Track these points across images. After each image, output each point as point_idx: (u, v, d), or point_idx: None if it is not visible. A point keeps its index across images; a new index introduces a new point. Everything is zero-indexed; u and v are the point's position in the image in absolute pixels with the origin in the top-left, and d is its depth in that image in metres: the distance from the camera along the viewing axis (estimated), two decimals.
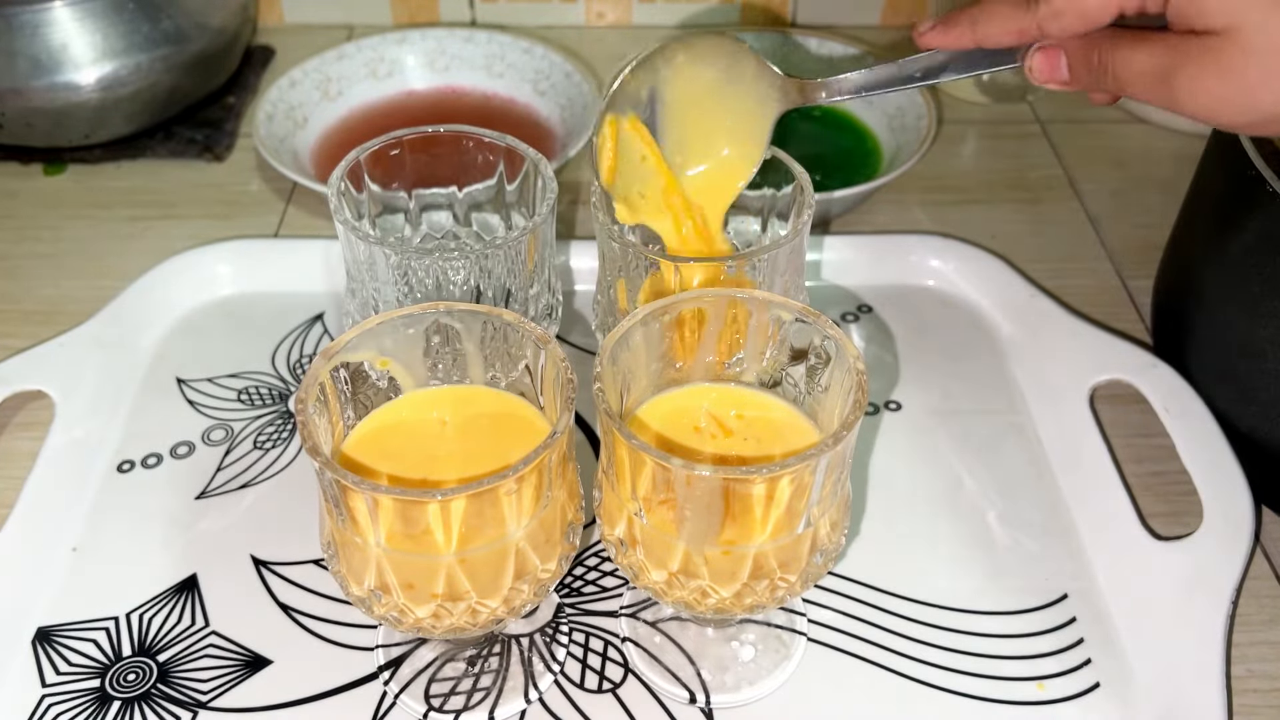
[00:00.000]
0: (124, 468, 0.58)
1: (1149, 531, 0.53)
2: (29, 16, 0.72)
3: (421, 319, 0.44)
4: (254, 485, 0.57)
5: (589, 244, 0.67)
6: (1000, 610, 0.52)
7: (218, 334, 0.65)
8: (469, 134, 0.54)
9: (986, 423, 0.60)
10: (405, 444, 0.45)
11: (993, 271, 0.68)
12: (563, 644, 0.50)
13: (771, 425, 0.46)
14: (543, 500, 0.41)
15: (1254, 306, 0.53)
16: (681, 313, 0.45)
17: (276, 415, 0.61)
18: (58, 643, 0.50)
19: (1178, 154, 0.81)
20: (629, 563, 0.44)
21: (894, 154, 0.75)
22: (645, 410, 0.46)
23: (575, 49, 0.86)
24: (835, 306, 0.67)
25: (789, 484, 0.39)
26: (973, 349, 0.65)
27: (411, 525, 0.39)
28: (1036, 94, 0.86)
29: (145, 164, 0.79)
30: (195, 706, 0.48)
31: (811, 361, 0.45)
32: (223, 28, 0.81)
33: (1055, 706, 0.48)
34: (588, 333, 0.66)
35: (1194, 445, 0.55)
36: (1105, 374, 0.60)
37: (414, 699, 0.48)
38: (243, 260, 0.68)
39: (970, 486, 0.57)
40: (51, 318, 0.66)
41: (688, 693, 0.48)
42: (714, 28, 0.91)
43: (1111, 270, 0.71)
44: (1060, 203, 0.77)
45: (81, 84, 0.74)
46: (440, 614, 0.42)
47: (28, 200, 0.76)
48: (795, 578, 0.43)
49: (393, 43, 0.83)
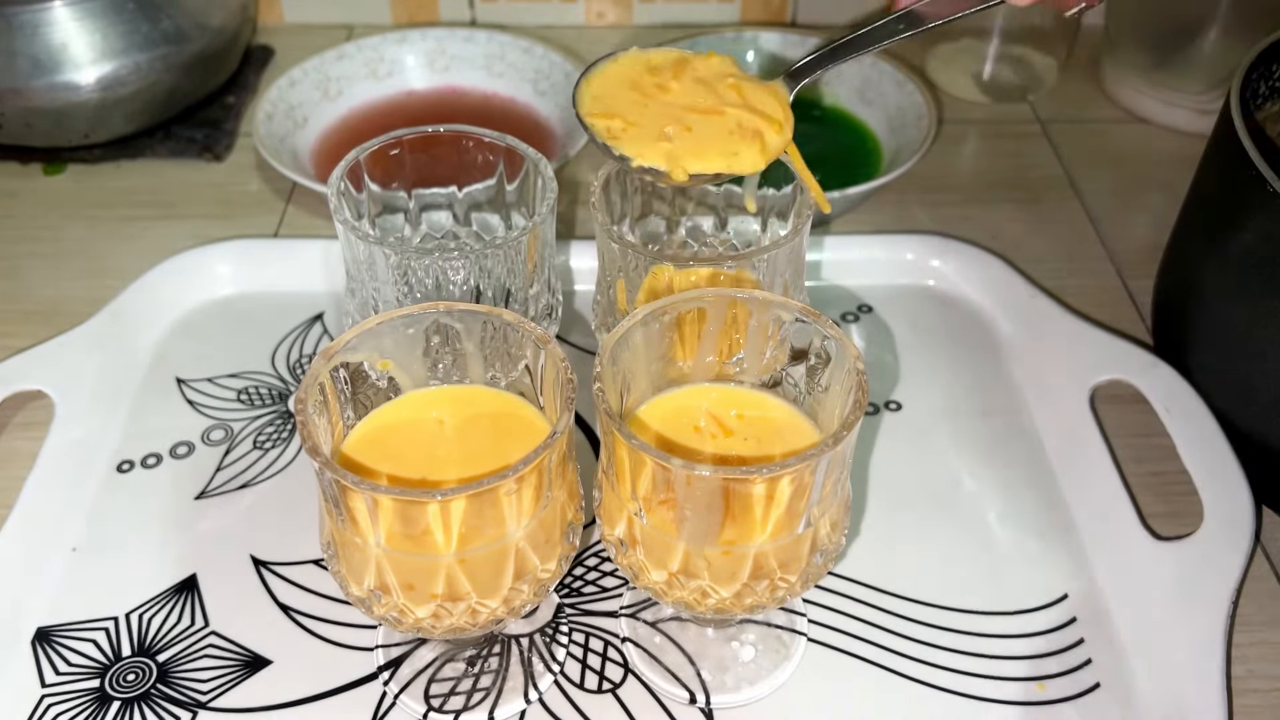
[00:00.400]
0: (124, 468, 0.58)
1: (1149, 531, 0.53)
2: (29, 16, 0.72)
3: (421, 319, 0.44)
4: (254, 485, 0.57)
5: (589, 244, 0.67)
6: (1000, 610, 0.52)
7: (218, 334, 0.65)
8: (469, 134, 0.54)
9: (986, 423, 0.60)
10: (405, 444, 0.45)
11: (993, 271, 0.68)
12: (563, 644, 0.50)
13: (771, 425, 0.46)
14: (543, 500, 0.41)
15: (1254, 306, 0.53)
16: (681, 313, 0.45)
17: (276, 415, 0.61)
18: (57, 643, 0.50)
19: (1178, 154, 0.81)
20: (629, 563, 0.44)
21: (894, 154, 0.75)
22: (645, 410, 0.46)
23: (575, 49, 0.86)
24: (835, 306, 0.67)
25: (789, 484, 0.39)
26: (973, 349, 0.65)
27: (411, 525, 0.39)
28: (1037, 94, 0.86)
29: (145, 164, 0.79)
30: (195, 706, 0.48)
31: (811, 361, 0.45)
32: (223, 28, 0.81)
33: (1055, 706, 0.48)
34: (588, 333, 0.65)
35: (1194, 445, 0.55)
36: (1105, 374, 0.60)
37: (414, 699, 0.48)
38: (243, 260, 0.68)
39: (970, 486, 0.57)
40: (51, 318, 0.66)
41: (688, 693, 0.48)
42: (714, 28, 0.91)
43: (1111, 270, 0.71)
44: (1060, 203, 0.77)
45: (81, 84, 0.74)
46: (440, 614, 0.42)
47: (28, 200, 0.76)
48: (795, 578, 0.43)
49: (393, 43, 0.83)
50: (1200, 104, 0.81)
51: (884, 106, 0.79)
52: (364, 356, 0.44)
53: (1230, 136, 0.53)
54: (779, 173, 0.52)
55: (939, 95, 0.86)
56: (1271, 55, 0.59)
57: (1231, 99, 0.55)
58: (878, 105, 0.79)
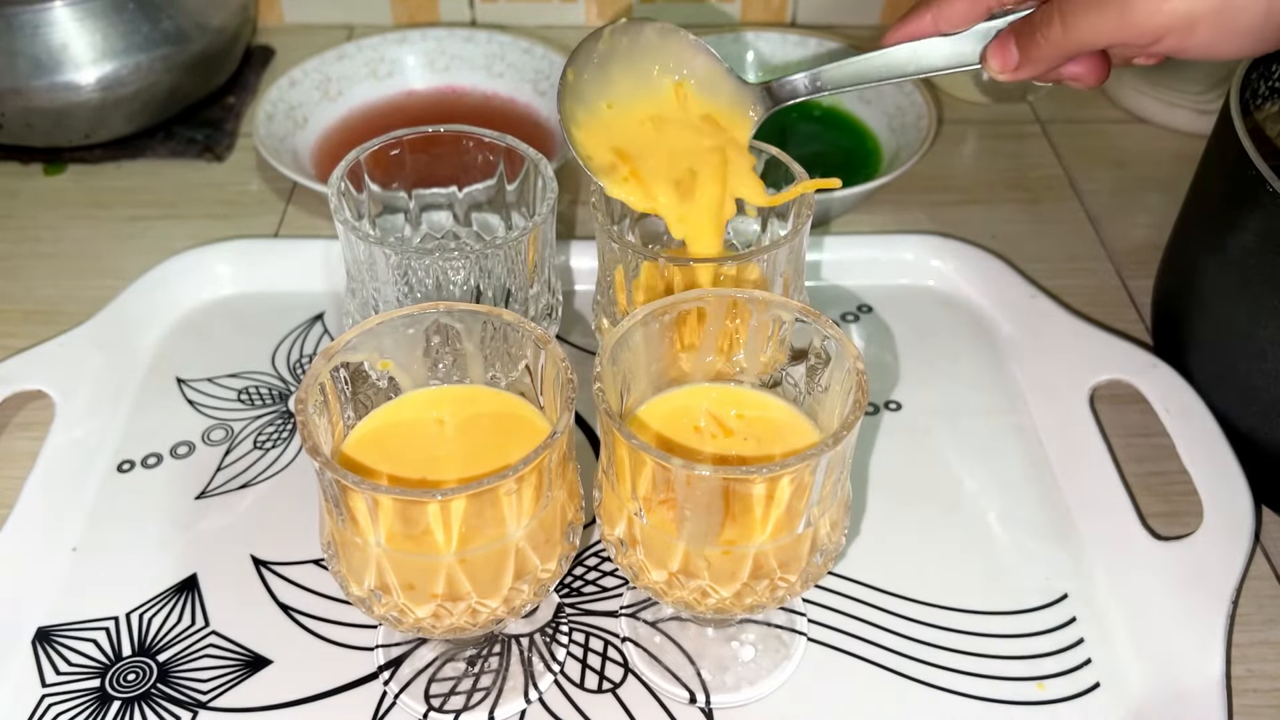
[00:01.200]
0: (124, 468, 0.58)
1: (1149, 531, 0.53)
2: (29, 16, 0.72)
3: (421, 319, 0.44)
4: (254, 485, 0.57)
5: (589, 244, 0.67)
6: (1000, 610, 0.52)
7: (218, 334, 0.65)
8: (469, 134, 0.54)
9: (986, 423, 0.60)
10: (405, 444, 0.45)
11: (993, 271, 0.68)
12: (563, 644, 0.50)
13: (771, 425, 0.46)
14: (543, 500, 0.41)
15: (1254, 306, 0.53)
16: (681, 312, 0.45)
17: (276, 415, 0.61)
18: (58, 643, 0.50)
19: (1178, 154, 0.81)
20: (629, 563, 0.44)
21: (894, 154, 0.75)
22: (645, 410, 0.46)
23: None
24: (835, 306, 0.67)
25: (789, 484, 0.39)
26: (973, 349, 0.65)
27: (411, 525, 0.39)
28: (1037, 94, 0.86)
29: (145, 164, 0.79)
30: (195, 706, 0.48)
31: (811, 361, 0.45)
32: (223, 28, 0.81)
33: (1055, 706, 0.48)
34: (588, 333, 0.65)
35: (1194, 445, 0.55)
36: (1105, 374, 0.60)
37: (414, 699, 0.48)
38: (243, 260, 0.68)
39: (970, 486, 0.57)
40: (51, 318, 0.66)
41: (688, 693, 0.48)
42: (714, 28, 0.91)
43: (1111, 270, 0.71)
44: (1060, 203, 0.77)
45: (81, 84, 0.74)
46: (440, 614, 0.42)
47: (28, 200, 0.76)
48: (795, 578, 0.43)
49: (393, 43, 0.83)
50: (1200, 104, 0.81)
51: (884, 106, 0.79)
52: (364, 356, 0.44)
53: (1230, 136, 0.53)
54: (779, 173, 0.52)
55: (939, 95, 0.86)
56: (1271, 55, 0.59)
57: (1231, 99, 0.55)
58: (878, 105, 0.79)
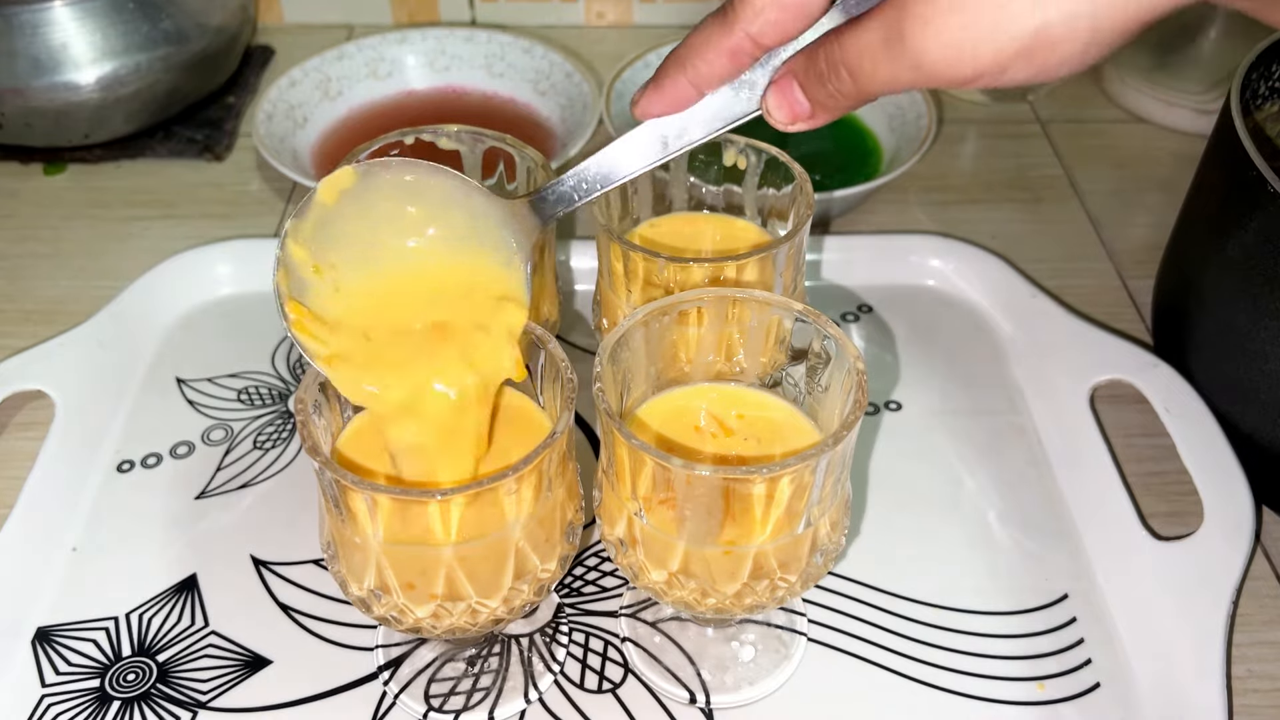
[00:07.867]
0: (124, 468, 0.58)
1: (1149, 531, 0.53)
2: (29, 16, 0.72)
3: None
4: (254, 485, 0.57)
5: (589, 244, 0.67)
6: (1000, 610, 0.52)
7: (218, 334, 0.65)
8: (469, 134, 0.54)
9: (986, 423, 0.60)
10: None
11: (993, 271, 0.68)
12: (563, 644, 0.50)
13: (771, 425, 0.46)
14: (543, 500, 0.41)
15: (1254, 306, 0.53)
16: (681, 312, 0.45)
17: (276, 415, 0.61)
18: (57, 643, 0.50)
19: (1178, 154, 0.81)
20: (629, 563, 0.44)
21: (894, 154, 0.75)
22: (645, 410, 0.46)
23: (575, 49, 0.86)
24: (835, 306, 0.67)
25: (789, 484, 0.39)
26: (973, 349, 0.65)
27: (411, 525, 0.39)
28: (1037, 94, 0.86)
29: (145, 164, 0.79)
30: (195, 706, 0.48)
31: (811, 361, 0.45)
32: (223, 28, 0.81)
33: (1055, 706, 0.48)
34: (588, 333, 0.65)
35: (1194, 445, 0.55)
36: (1105, 374, 0.60)
37: (414, 699, 0.48)
38: (243, 260, 0.68)
39: (970, 486, 0.57)
40: (51, 318, 0.66)
41: (688, 693, 0.48)
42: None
43: (1111, 270, 0.71)
44: (1060, 203, 0.77)
45: (81, 84, 0.74)
46: (440, 614, 0.42)
47: (28, 200, 0.76)
48: (795, 578, 0.43)
49: (393, 43, 0.83)
50: (1200, 104, 0.81)
51: (884, 106, 0.78)
52: None
53: (1230, 136, 0.53)
54: (779, 173, 0.52)
55: (939, 95, 0.86)
56: (1271, 55, 0.59)
57: (1231, 99, 0.55)
58: (877, 105, 0.79)
